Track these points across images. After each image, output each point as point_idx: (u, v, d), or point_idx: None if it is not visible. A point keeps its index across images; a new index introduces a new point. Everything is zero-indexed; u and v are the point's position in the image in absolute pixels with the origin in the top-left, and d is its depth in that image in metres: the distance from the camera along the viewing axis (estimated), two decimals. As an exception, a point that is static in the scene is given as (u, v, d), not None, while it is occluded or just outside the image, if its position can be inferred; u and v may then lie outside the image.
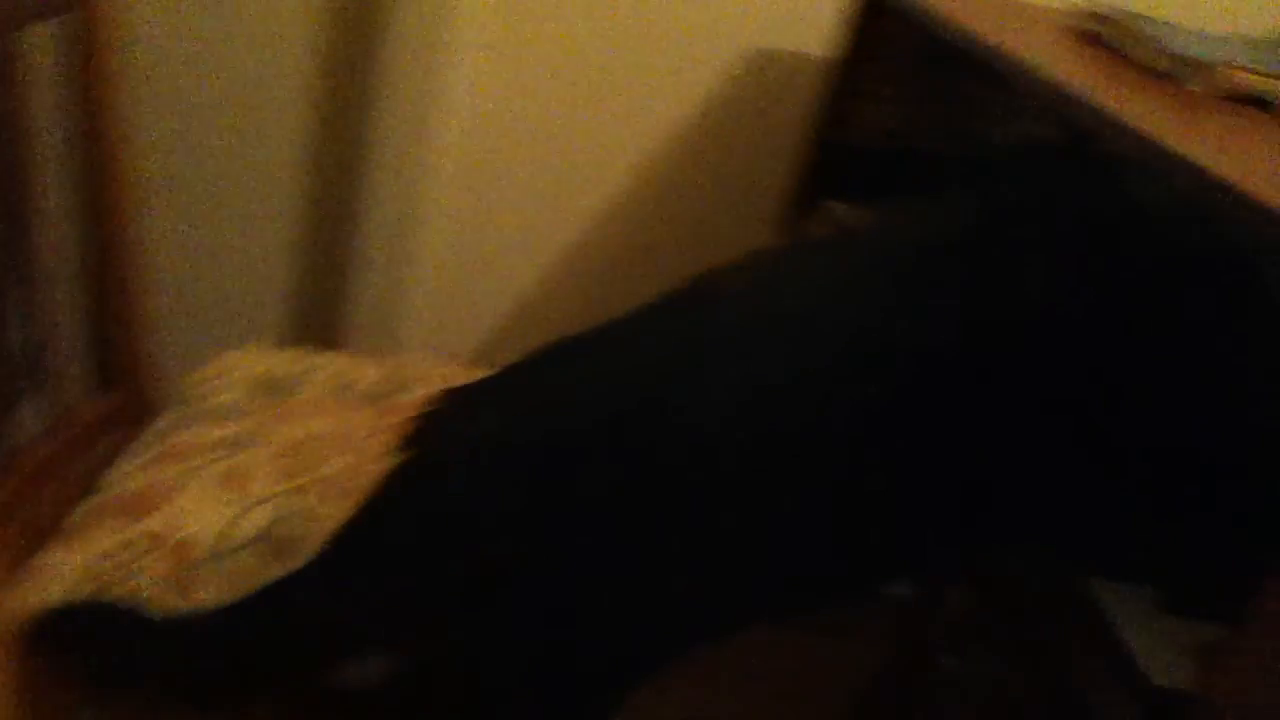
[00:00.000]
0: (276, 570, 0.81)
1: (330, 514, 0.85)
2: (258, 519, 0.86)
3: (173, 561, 0.82)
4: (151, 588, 0.81)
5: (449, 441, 0.73)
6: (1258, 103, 0.97)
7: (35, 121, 0.86)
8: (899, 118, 1.34)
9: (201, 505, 0.86)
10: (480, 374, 0.79)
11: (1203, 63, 0.98)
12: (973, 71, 1.10)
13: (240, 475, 0.90)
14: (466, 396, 0.77)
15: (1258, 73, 0.98)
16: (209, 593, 0.82)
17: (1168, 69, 1.01)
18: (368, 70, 1.39)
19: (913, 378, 0.68)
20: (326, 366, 1.10)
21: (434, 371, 1.11)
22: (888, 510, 0.69)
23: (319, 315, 1.52)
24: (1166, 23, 1.21)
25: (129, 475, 0.90)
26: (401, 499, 0.71)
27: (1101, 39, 1.14)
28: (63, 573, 0.80)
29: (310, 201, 1.46)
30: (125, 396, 1.00)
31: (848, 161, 1.32)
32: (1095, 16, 1.17)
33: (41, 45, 0.86)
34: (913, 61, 1.32)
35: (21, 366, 0.89)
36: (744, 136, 1.49)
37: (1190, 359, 0.70)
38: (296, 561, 0.80)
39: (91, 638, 0.76)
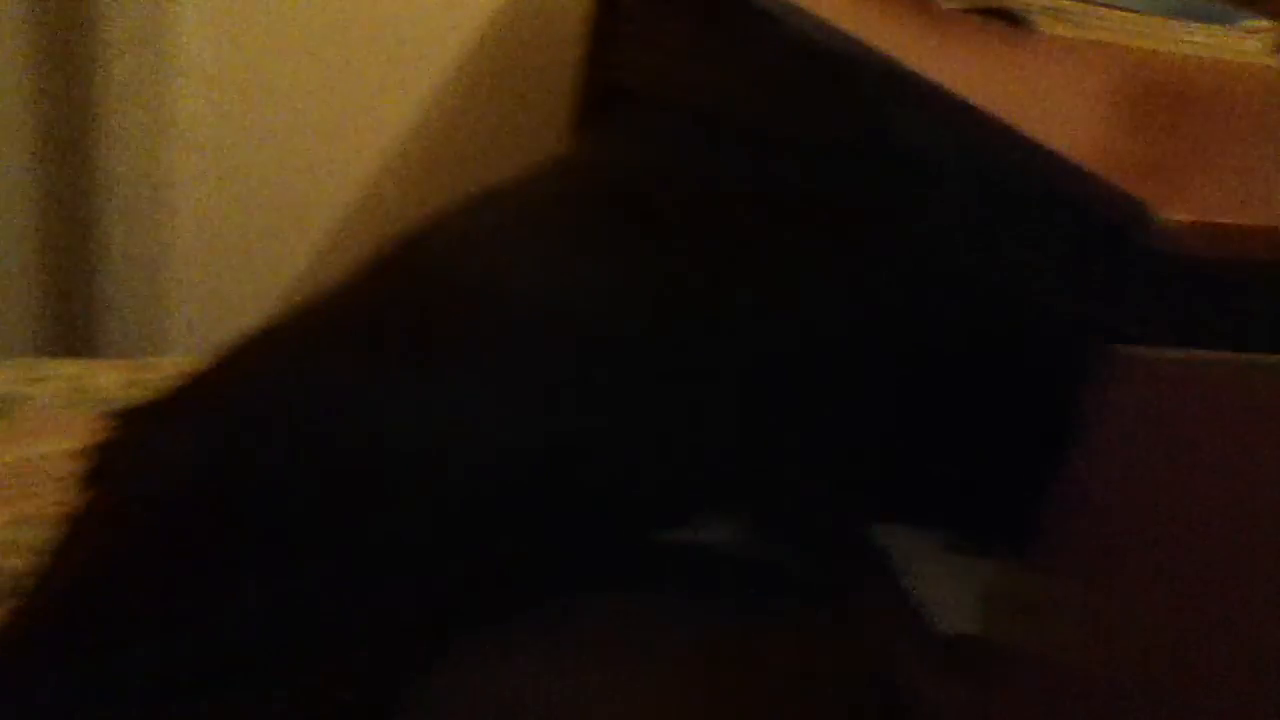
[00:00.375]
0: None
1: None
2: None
3: None
4: None
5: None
6: (1007, 16, 0.96)
7: None
8: (666, 56, 1.29)
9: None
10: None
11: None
12: (729, 6, 1.06)
13: (-51, 512, 0.80)
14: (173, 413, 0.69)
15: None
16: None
17: (916, -13, 0.99)
18: (88, 43, 1.27)
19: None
20: (56, 376, 1.00)
21: (183, 371, 1.02)
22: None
23: (64, 326, 1.40)
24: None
25: None
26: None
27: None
28: None
29: (41, 198, 1.34)
30: None
31: (617, 104, 1.27)
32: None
33: None
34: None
35: None
36: (512, 83, 1.43)
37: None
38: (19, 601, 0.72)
39: None
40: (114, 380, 1.00)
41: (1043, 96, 0.77)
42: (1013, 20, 0.95)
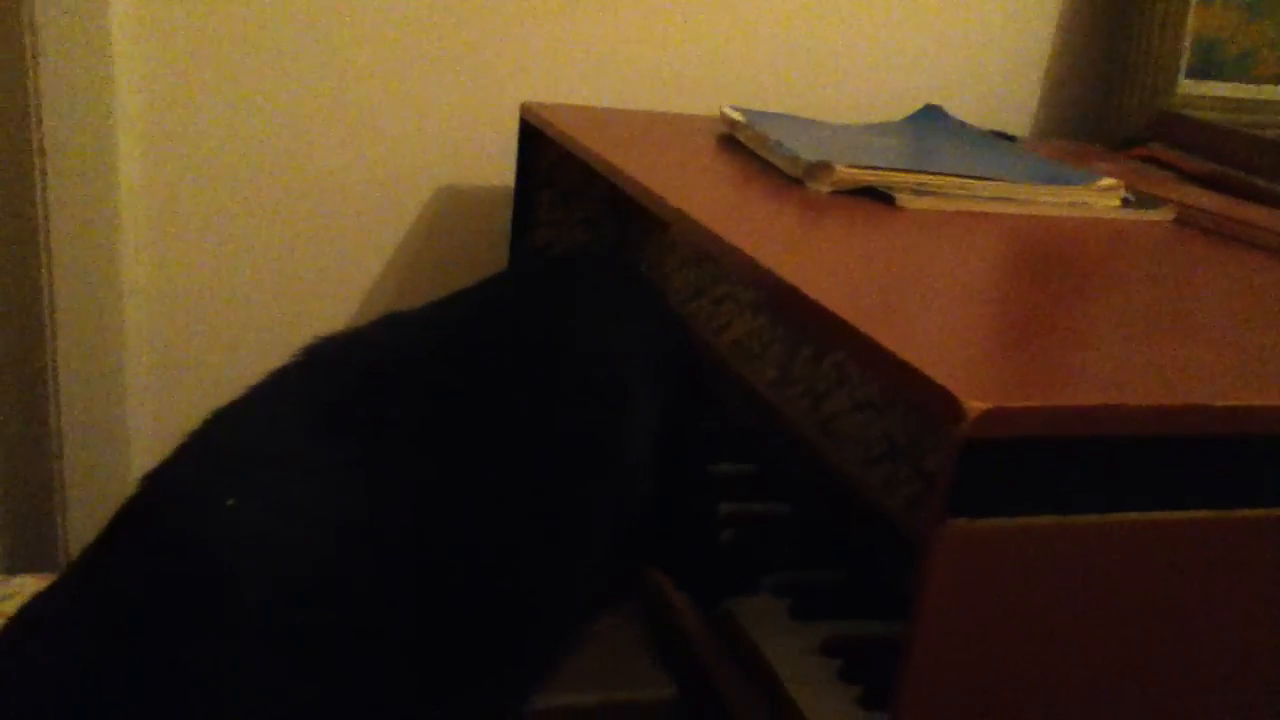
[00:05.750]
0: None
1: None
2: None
3: None
4: None
5: None
6: (872, 194, 1.03)
7: None
8: (576, 241, 1.38)
9: None
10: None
11: (820, 164, 1.04)
12: (616, 193, 1.14)
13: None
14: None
15: (875, 168, 1.05)
16: None
17: (790, 171, 1.07)
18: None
19: None
20: (19, 594, 1.05)
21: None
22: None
23: (29, 539, 1.45)
24: (798, 120, 1.28)
25: None
26: None
27: (739, 145, 1.21)
28: None
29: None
30: None
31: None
32: (731, 122, 1.24)
33: None
34: (576, 184, 1.36)
35: None
36: (441, 273, 1.51)
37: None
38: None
39: None
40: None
41: (888, 272, 0.84)
42: (877, 198, 1.03)
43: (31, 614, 0.67)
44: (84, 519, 1.40)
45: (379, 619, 0.66)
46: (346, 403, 0.72)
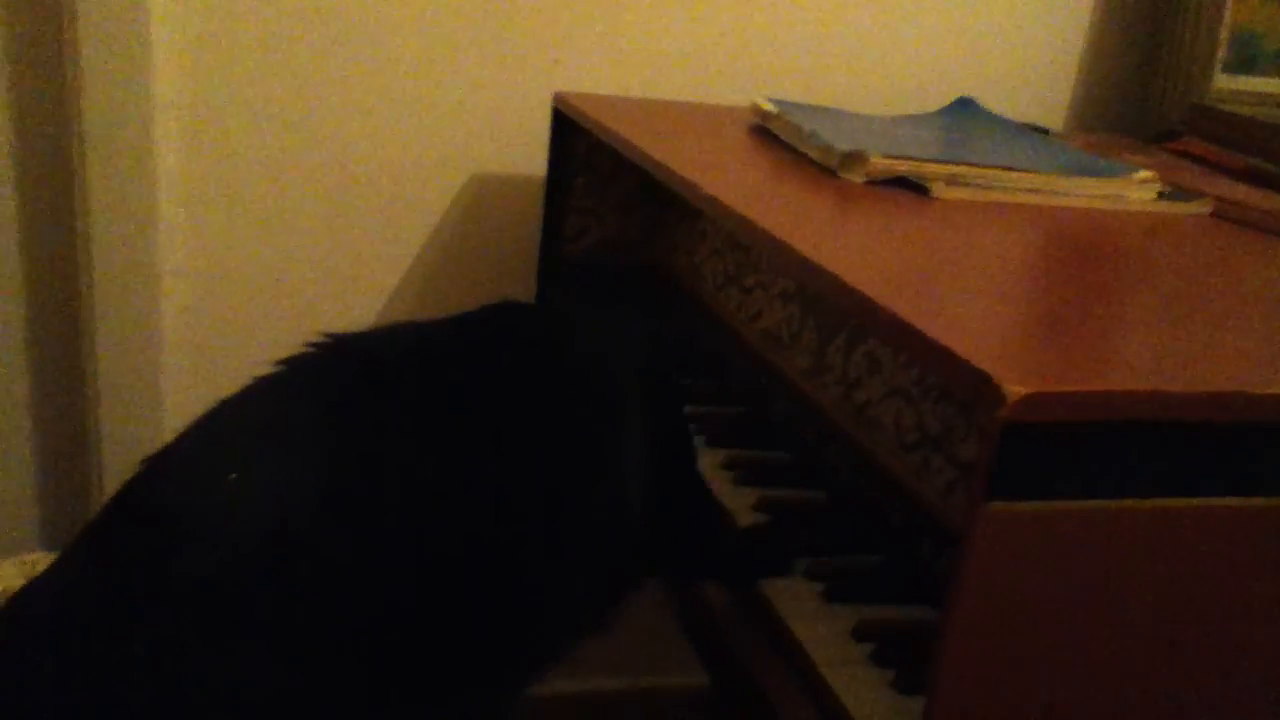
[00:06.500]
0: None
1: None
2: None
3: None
4: None
5: None
6: (906, 185, 1.03)
7: None
8: (609, 228, 1.39)
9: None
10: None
11: (854, 154, 1.04)
12: (648, 181, 1.15)
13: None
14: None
15: (909, 158, 1.05)
16: None
17: (823, 162, 1.07)
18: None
19: None
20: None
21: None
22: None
23: (67, 519, 1.47)
24: (830, 111, 1.28)
25: None
26: None
27: (772, 135, 1.21)
28: None
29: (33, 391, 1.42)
30: None
31: (567, 276, 1.36)
32: (763, 113, 1.24)
33: None
34: (612, 171, 1.37)
35: None
36: (474, 258, 1.52)
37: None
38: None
39: None
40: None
41: (924, 260, 0.84)
42: (910, 189, 1.03)
43: (26, 597, 0.68)
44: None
45: (377, 614, 0.66)
46: (351, 396, 0.73)
